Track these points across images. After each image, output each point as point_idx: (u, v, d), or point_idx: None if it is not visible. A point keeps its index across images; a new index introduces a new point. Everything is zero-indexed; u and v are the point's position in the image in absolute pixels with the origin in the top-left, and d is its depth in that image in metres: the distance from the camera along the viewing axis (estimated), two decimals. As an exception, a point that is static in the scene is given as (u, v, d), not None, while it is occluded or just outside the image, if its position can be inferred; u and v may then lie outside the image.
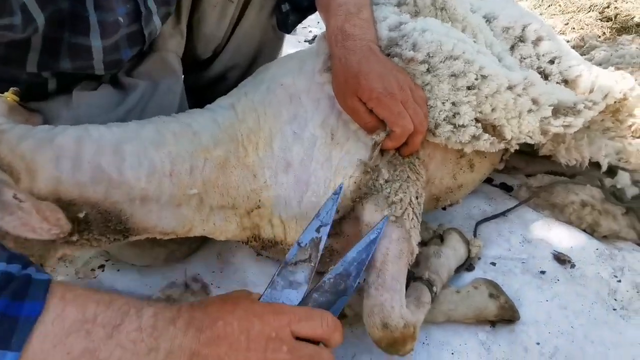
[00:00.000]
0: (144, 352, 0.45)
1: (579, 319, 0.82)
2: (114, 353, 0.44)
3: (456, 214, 1.11)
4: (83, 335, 0.43)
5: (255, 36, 1.10)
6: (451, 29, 0.86)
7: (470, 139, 0.85)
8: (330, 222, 0.68)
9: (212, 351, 0.48)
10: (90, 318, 0.44)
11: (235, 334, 0.50)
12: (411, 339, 0.69)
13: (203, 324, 0.50)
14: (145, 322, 0.47)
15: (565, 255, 0.93)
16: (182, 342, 0.48)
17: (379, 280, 0.71)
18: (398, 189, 0.77)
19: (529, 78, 0.87)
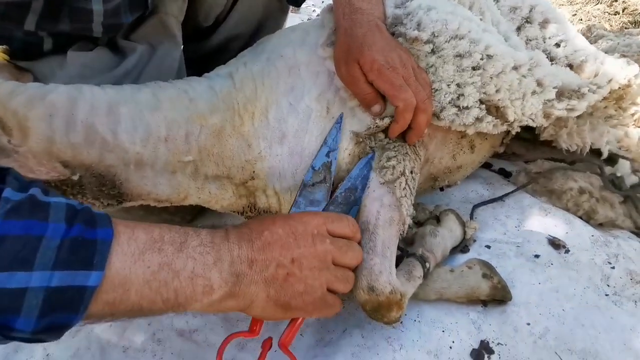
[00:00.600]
0: (211, 262, 0.51)
1: (571, 303, 0.82)
2: (187, 264, 0.49)
3: (453, 197, 1.10)
4: (156, 252, 0.48)
5: (259, 6, 1.08)
6: (457, 6, 0.85)
7: (473, 121, 0.84)
8: (337, 147, 0.77)
9: (267, 255, 0.54)
10: (157, 238, 0.49)
11: (283, 237, 0.56)
12: (397, 306, 0.69)
13: (252, 236, 0.55)
14: (204, 239, 0.53)
15: (560, 240, 0.93)
16: (239, 253, 0.53)
17: (369, 244, 0.71)
18: (392, 157, 0.76)
19: (535, 58, 0.85)
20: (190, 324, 0.82)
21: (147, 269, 0.46)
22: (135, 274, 0.46)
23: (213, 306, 0.53)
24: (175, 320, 0.82)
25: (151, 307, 0.48)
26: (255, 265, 0.53)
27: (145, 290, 0.46)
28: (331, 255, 0.59)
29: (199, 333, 0.80)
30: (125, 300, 0.45)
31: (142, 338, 0.79)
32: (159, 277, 0.47)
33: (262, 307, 0.55)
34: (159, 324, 0.81)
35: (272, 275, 0.54)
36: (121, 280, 0.45)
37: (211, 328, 0.81)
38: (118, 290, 0.45)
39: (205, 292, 0.50)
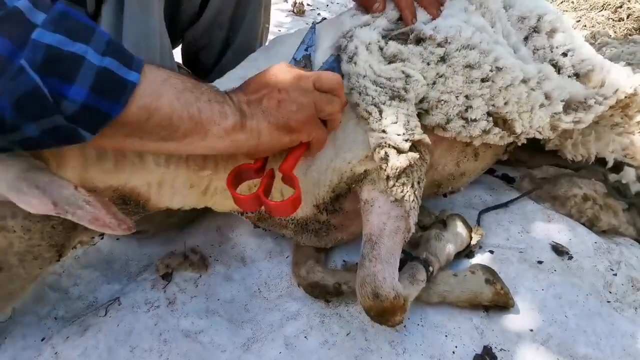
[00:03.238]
0: (220, 99, 0.59)
1: (573, 309, 0.83)
2: (203, 94, 0.56)
3: (457, 202, 1.11)
4: (179, 81, 0.54)
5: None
6: (473, 14, 0.86)
7: (480, 133, 0.85)
8: (313, 44, 0.86)
9: (258, 95, 0.62)
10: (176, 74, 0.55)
11: (268, 77, 0.63)
12: (400, 310, 0.70)
13: (242, 87, 0.64)
14: (210, 86, 0.60)
15: (564, 246, 0.94)
16: (238, 98, 0.61)
17: (373, 252, 0.71)
18: (401, 174, 0.76)
19: (544, 71, 0.86)
20: (195, 324, 0.82)
21: (174, 88, 0.53)
22: (165, 89, 0.52)
23: (229, 135, 0.58)
24: (182, 321, 0.83)
25: (179, 124, 0.53)
26: (251, 104, 0.61)
27: (175, 103, 0.52)
28: (312, 84, 0.65)
29: (205, 334, 0.81)
30: (158, 108, 0.51)
31: (149, 338, 0.79)
32: (184, 96, 0.54)
33: (269, 135, 0.62)
34: (165, 325, 0.82)
35: (266, 106, 0.61)
36: (155, 89, 0.51)
37: (216, 329, 0.82)
38: (154, 96, 0.51)
39: (221, 116, 0.57)
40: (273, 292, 0.90)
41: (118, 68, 0.47)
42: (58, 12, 0.45)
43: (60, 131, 0.46)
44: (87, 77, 0.45)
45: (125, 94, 0.48)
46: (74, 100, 0.45)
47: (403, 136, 0.75)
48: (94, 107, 0.46)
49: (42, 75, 0.43)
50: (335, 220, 0.86)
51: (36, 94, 0.43)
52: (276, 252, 0.98)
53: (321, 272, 0.86)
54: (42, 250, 0.65)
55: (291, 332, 0.81)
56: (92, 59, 0.46)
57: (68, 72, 0.44)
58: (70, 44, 0.45)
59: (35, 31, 0.43)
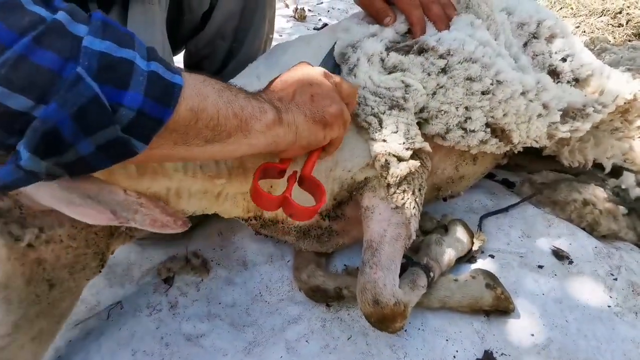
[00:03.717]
0: (253, 96, 0.59)
1: (574, 314, 0.83)
2: (239, 93, 0.57)
3: (457, 207, 1.11)
4: (214, 82, 0.55)
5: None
6: (479, 29, 0.86)
7: (478, 143, 0.86)
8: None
9: (288, 90, 0.63)
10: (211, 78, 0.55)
11: (294, 75, 0.65)
12: (401, 316, 0.70)
13: (269, 86, 0.65)
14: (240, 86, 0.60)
15: (564, 251, 0.94)
16: (269, 96, 0.62)
17: (374, 259, 0.72)
18: (402, 182, 0.77)
19: (542, 82, 0.87)
20: (197, 328, 0.83)
21: (213, 89, 0.53)
22: (207, 90, 0.52)
23: (271, 130, 0.58)
24: (183, 324, 0.83)
25: (225, 123, 0.53)
26: (283, 99, 0.62)
27: (219, 101, 0.53)
28: (335, 84, 0.67)
29: (206, 338, 0.81)
30: (204, 108, 0.51)
31: (151, 342, 0.80)
32: (225, 95, 0.54)
33: (307, 129, 0.62)
34: (167, 329, 0.82)
35: (300, 100, 0.62)
36: (198, 90, 0.51)
37: (218, 333, 0.82)
38: (199, 97, 0.50)
39: (261, 111, 0.57)
40: (274, 296, 0.90)
41: (164, 72, 0.47)
42: (100, 21, 0.44)
43: (114, 145, 0.44)
44: (140, 82, 0.44)
45: (174, 97, 0.47)
46: (130, 107, 0.43)
47: (404, 145, 0.76)
48: (147, 113, 0.45)
49: (100, 83, 0.41)
50: (337, 226, 0.86)
51: (96, 102, 0.41)
52: (277, 256, 0.98)
53: (322, 276, 0.86)
54: (88, 259, 0.64)
55: (292, 336, 0.81)
56: (141, 64, 0.45)
57: (122, 78, 0.43)
58: (119, 50, 0.44)
59: (85, 39, 0.42)
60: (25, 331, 0.56)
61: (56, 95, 0.39)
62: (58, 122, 0.40)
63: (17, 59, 0.38)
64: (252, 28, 1.18)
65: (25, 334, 0.56)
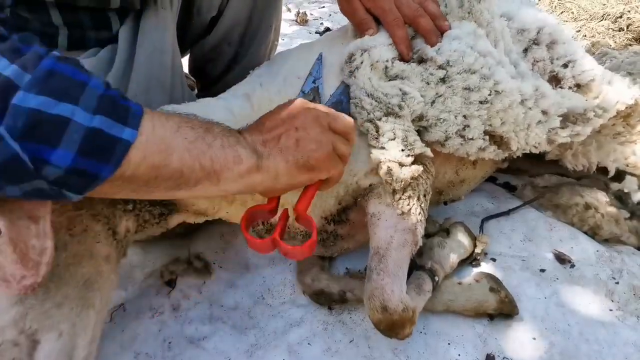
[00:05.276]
0: (234, 142, 0.57)
1: (575, 317, 0.83)
2: (216, 140, 0.55)
3: (459, 210, 1.12)
4: (189, 129, 0.53)
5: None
6: (480, 39, 0.85)
7: (477, 151, 0.86)
8: (321, 76, 0.86)
9: (274, 133, 0.61)
10: (187, 121, 0.54)
11: (284, 116, 0.63)
12: (410, 322, 0.70)
13: (258, 126, 0.63)
14: (224, 128, 0.59)
15: (566, 255, 0.94)
16: (252, 138, 0.60)
17: (381, 265, 0.72)
18: (407, 187, 0.77)
19: (540, 89, 0.87)
20: (199, 331, 0.83)
21: (184, 139, 0.51)
22: (176, 142, 0.51)
23: (243, 178, 0.57)
24: (185, 327, 0.83)
25: (190, 175, 0.52)
26: (268, 143, 0.60)
27: (185, 156, 0.51)
28: (327, 124, 0.65)
29: (208, 340, 0.81)
30: (167, 164, 0.50)
31: (153, 344, 0.80)
32: (196, 146, 0.52)
33: (287, 174, 0.60)
34: (169, 331, 0.83)
35: (284, 145, 0.60)
36: (164, 146, 0.49)
37: (220, 336, 0.82)
38: (162, 154, 0.49)
39: (235, 161, 0.56)
40: (276, 299, 0.90)
41: (110, 126, 0.45)
42: (44, 71, 0.42)
43: (43, 192, 0.44)
44: (74, 140, 0.42)
45: (117, 154, 0.45)
46: (57, 166, 0.42)
47: (404, 152, 0.76)
48: (80, 170, 0.44)
49: (22, 142, 0.40)
50: (342, 231, 0.86)
51: (15, 161, 0.40)
52: (279, 259, 0.98)
53: (326, 279, 0.86)
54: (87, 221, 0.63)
55: (294, 339, 0.82)
56: (80, 119, 0.43)
57: (51, 136, 0.41)
58: (55, 106, 0.42)
59: (17, 95, 0.40)
60: (42, 297, 0.54)
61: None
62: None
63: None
64: (258, 35, 1.19)
65: (43, 298, 0.54)
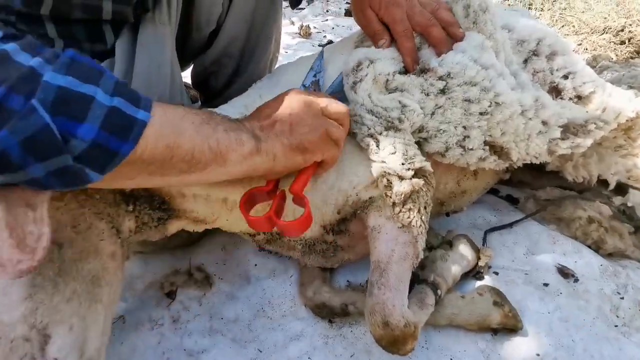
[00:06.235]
0: (235, 127, 0.62)
1: (580, 333, 0.82)
2: (219, 125, 0.60)
3: (461, 222, 1.11)
4: (194, 114, 0.58)
5: (251, 1, 1.11)
6: (485, 51, 0.86)
7: (477, 161, 0.86)
8: (322, 70, 0.88)
9: (270, 120, 0.66)
10: (190, 110, 0.58)
11: (278, 104, 0.68)
12: (412, 338, 0.69)
13: (254, 114, 0.68)
14: (223, 117, 0.63)
15: (569, 269, 0.93)
16: (250, 125, 0.65)
17: (382, 279, 0.71)
18: (407, 200, 0.77)
19: (540, 99, 0.87)
20: (199, 344, 0.82)
21: (192, 123, 0.56)
22: (185, 125, 0.55)
23: (246, 160, 0.61)
24: (185, 339, 0.83)
25: (200, 157, 0.56)
26: (265, 128, 0.65)
27: (195, 137, 0.56)
28: (320, 109, 0.69)
29: (207, 354, 0.80)
30: (180, 145, 0.54)
31: (152, 357, 0.79)
32: (203, 130, 0.57)
33: (284, 156, 0.65)
34: (168, 343, 0.82)
35: (279, 129, 0.65)
36: (175, 127, 0.54)
37: (220, 349, 0.81)
38: (175, 134, 0.54)
39: (238, 143, 0.60)
40: (277, 312, 0.89)
41: (127, 107, 0.49)
42: (68, 57, 0.48)
43: (66, 172, 0.46)
44: (97, 116, 0.46)
45: (135, 132, 0.49)
46: (83, 139, 0.46)
47: (404, 166, 0.77)
48: (103, 146, 0.47)
49: (53, 114, 0.44)
50: (342, 241, 0.86)
51: (46, 132, 0.44)
52: (280, 271, 0.98)
53: (328, 292, 0.86)
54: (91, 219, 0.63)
55: (295, 353, 0.81)
56: (102, 99, 0.47)
57: (78, 112, 0.46)
58: (80, 85, 0.46)
59: (46, 75, 0.45)
60: (50, 290, 0.54)
61: (7, 125, 0.42)
62: (7, 148, 0.43)
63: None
64: (258, 48, 1.20)
65: (52, 293, 0.54)
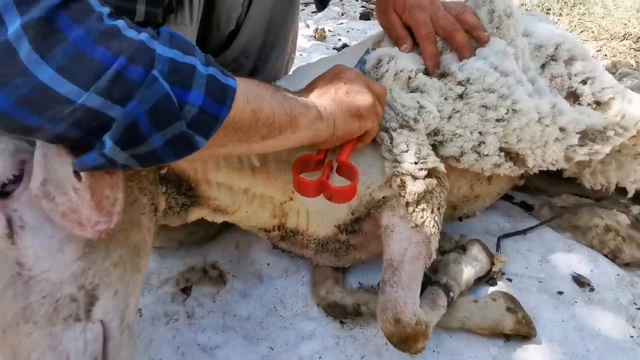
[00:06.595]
0: (298, 96, 0.68)
1: (595, 343, 0.81)
2: (287, 94, 0.65)
3: (474, 228, 1.11)
4: (266, 85, 0.63)
5: (270, 2, 1.12)
6: (506, 58, 0.86)
7: (492, 167, 0.86)
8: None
9: (326, 89, 0.71)
10: (261, 82, 0.63)
11: (331, 75, 0.73)
12: (423, 336, 0.69)
13: (308, 87, 0.74)
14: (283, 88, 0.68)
15: (585, 278, 0.92)
16: (309, 95, 0.70)
17: (394, 277, 0.72)
18: (421, 200, 0.77)
19: (558, 106, 0.87)
20: (212, 339, 0.83)
21: (267, 91, 0.61)
22: (262, 92, 0.60)
23: (313, 125, 0.66)
24: (199, 335, 0.84)
25: (279, 121, 0.61)
26: (323, 97, 0.70)
27: (273, 102, 0.61)
28: (366, 82, 0.74)
29: (221, 349, 0.82)
30: (262, 109, 0.59)
31: (167, 351, 0.81)
32: (276, 96, 0.62)
33: (343, 121, 0.70)
34: (183, 338, 0.83)
35: (337, 97, 0.70)
36: (255, 94, 0.59)
37: (232, 345, 0.83)
38: (257, 100, 0.59)
39: (305, 107, 0.65)
40: (289, 311, 0.90)
41: (220, 76, 0.54)
42: (168, 34, 0.53)
43: (180, 139, 0.51)
44: (201, 84, 0.51)
45: (229, 97, 0.54)
46: (193, 105, 0.50)
47: (417, 165, 0.77)
48: (208, 111, 0.52)
49: (170, 83, 0.49)
50: (355, 241, 0.87)
51: (167, 100, 0.48)
52: (292, 271, 0.99)
53: (340, 292, 0.87)
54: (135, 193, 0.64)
55: (306, 352, 0.81)
56: (201, 69, 0.52)
57: (187, 80, 0.51)
58: (184, 57, 0.52)
59: (158, 48, 0.50)
60: (102, 252, 0.56)
61: (136, 94, 0.47)
62: (137, 118, 0.47)
63: (115, 75, 0.46)
64: (276, 48, 1.22)
65: (104, 255, 0.56)
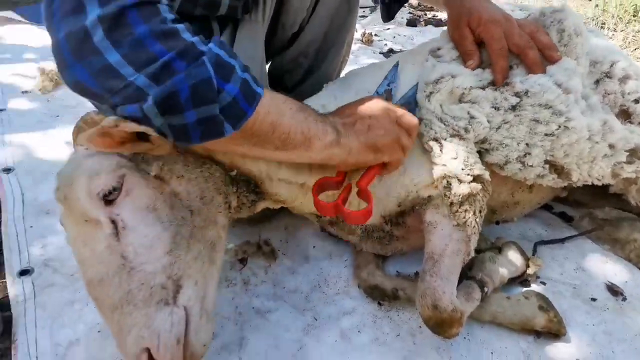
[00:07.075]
0: (320, 120, 0.73)
1: (621, 346, 0.84)
2: (309, 115, 0.71)
3: (510, 232, 1.15)
4: (290, 103, 0.70)
5: (332, 8, 1.19)
6: (574, 76, 0.87)
7: (535, 177, 0.89)
8: (396, 80, 0.96)
9: (351, 118, 0.76)
10: (289, 98, 0.71)
11: (359, 106, 0.78)
12: (457, 323, 0.75)
13: (336, 113, 0.79)
14: (312, 108, 0.75)
15: (619, 287, 0.95)
16: (333, 121, 0.75)
17: (434, 268, 0.78)
18: (464, 201, 0.82)
19: (609, 123, 0.88)
20: (265, 305, 0.94)
21: (290, 109, 0.68)
22: (285, 109, 0.68)
23: (326, 149, 0.72)
24: (254, 299, 0.95)
25: (294, 138, 0.68)
26: (346, 125, 0.75)
27: (292, 120, 0.68)
28: (396, 118, 0.78)
29: (272, 314, 0.92)
30: (281, 124, 0.66)
31: (227, 309, 0.92)
32: (298, 116, 0.69)
33: (358, 151, 0.75)
34: (240, 300, 0.95)
35: (358, 129, 0.75)
36: (279, 109, 0.67)
37: (282, 312, 0.93)
38: (278, 114, 0.66)
39: (323, 133, 0.71)
40: (331, 289, 0.99)
41: (252, 82, 0.64)
42: (217, 40, 0.64)
43: (210, 121, 0.59)
44: (237, 80, 0.61)
45: (256, 100, 0.63)
46: (229, 93, 0.60)
47: (464, 171, 0.82)
48: (239, 103, 0.61)
49: (215, 71, 0.58)
50: (398, 232, 0.94)
51: (209, 82, 0.58)
52: (336, 255, 1.08)
53: (380, 276, 0.94)
54: (212, 193, 0.72)
55: (346, 325, 0.90)
56: (239, 72, 0.63)
57: (227, 74, 0.61)
58: (228, 58, 0.62)
59: (210, 45, 0.61)
60: (185, 248, 0.64)
61: (186, 70, 0.56)
62: (180, 89, 0.56)
63: (164, 65, 0.56)
64: (332, 50, 1.30)
65: (186, 251, 0.64)
